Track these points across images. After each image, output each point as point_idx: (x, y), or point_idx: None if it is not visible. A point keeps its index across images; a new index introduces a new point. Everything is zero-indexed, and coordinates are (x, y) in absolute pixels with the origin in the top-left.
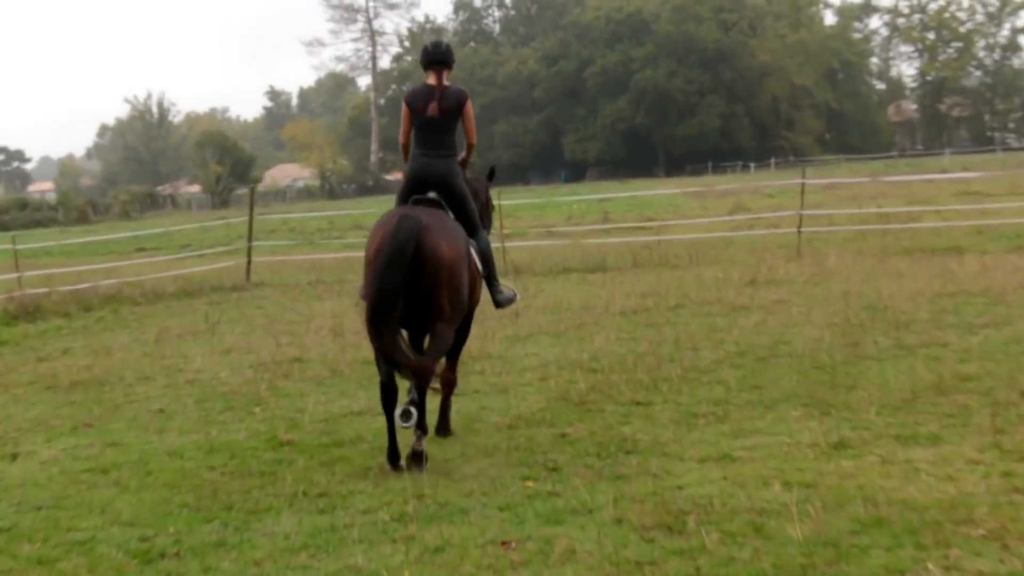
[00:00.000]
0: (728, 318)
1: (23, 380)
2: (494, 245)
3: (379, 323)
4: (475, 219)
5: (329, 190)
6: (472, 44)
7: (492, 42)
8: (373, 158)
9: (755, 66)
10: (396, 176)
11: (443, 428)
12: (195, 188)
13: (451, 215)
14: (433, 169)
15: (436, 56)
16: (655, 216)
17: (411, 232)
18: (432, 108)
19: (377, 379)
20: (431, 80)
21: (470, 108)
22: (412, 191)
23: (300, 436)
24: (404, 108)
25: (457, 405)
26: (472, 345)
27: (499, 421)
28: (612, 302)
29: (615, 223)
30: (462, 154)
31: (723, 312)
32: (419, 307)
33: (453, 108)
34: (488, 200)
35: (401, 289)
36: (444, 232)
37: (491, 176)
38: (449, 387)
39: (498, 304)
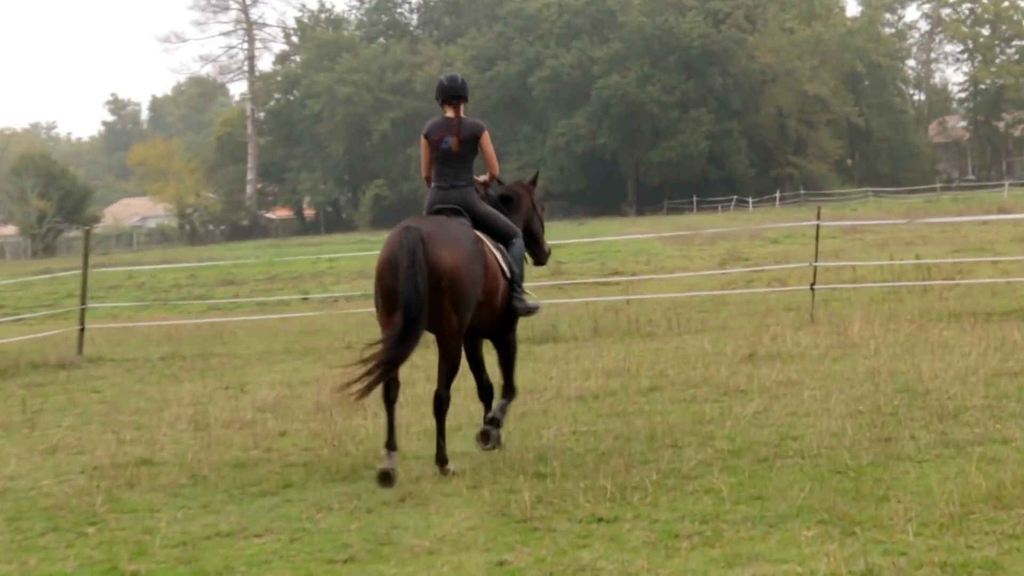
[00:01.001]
0: (719, 405)
1: None
2: None
3: (408, 333)
4: (509, 229)
5: (191, 232)
6: (381, 40)
7: (408, 37)
8: (249, 190)
9: (755, 70)
10: (280, 214)
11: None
12: (10, 230)
13: (468, 220)
14: (448, 200)
15: (453, 91)
16: (622, 268)
17: (413, 243)
18: (450, 141)
19: (253, 489)
20: (449, 113)
21: (487, 139)
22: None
23: (149, 566)
24: (423, 141)
25: (359, 522)
26: (379, 442)
27: (415, 545)
28: (566, 383)
29: (570, 277)
30: (484, 177)
31: (712, 397)
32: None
33: (469, 140)
34: (535, 203)
35: (424, 296)
36: (446, 239)
37: (534, 181)
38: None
39: (515, 312)
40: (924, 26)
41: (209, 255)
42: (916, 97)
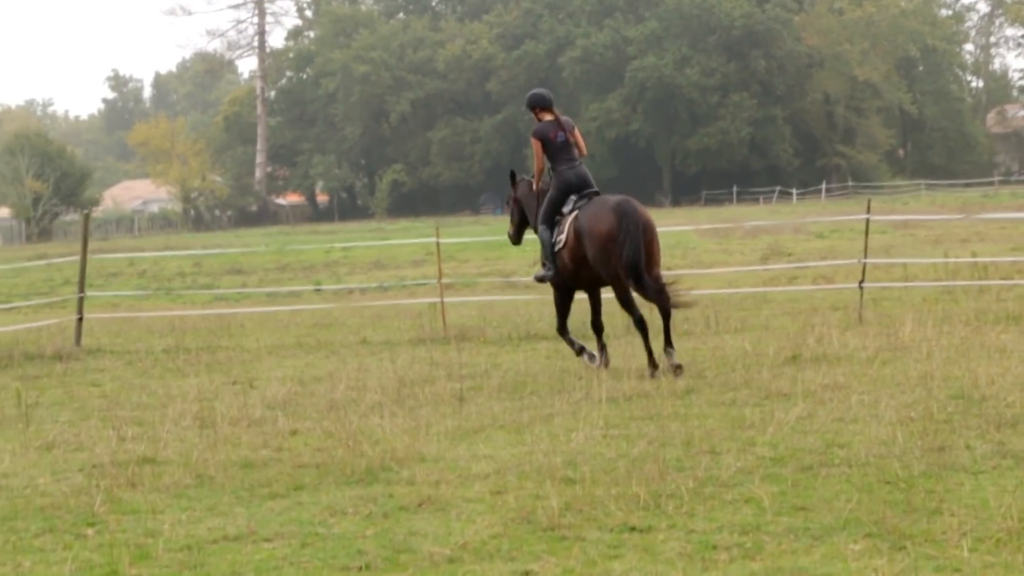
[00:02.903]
0: (760, 409)
1: None
2: (433, 299)
3: (638, 273)
4: None
5: (195, 218)
6: (401, 16)
7: (430, 13)
8: (258, 173)
9: (800, 53)
10: (291, 199)
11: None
12: (3, 212)
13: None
14: (580, 171)
15: (548, 102)
16: None
17: (635, 208)
18: (562, 135)
19: (262, 491)
20: (549, 117)
21: (578, 130)
22: (570, 192)
23: (151, 571)
24: (538, 141)
25: (375, 528)
26: (397, 444)
27: (434, 552)
28: (596, 384)
29: None
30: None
31: (753, 400)
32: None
33: (571, 131)
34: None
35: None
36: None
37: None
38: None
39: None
40: (984, 8)
41: (215, 242)
42: (974, 84)
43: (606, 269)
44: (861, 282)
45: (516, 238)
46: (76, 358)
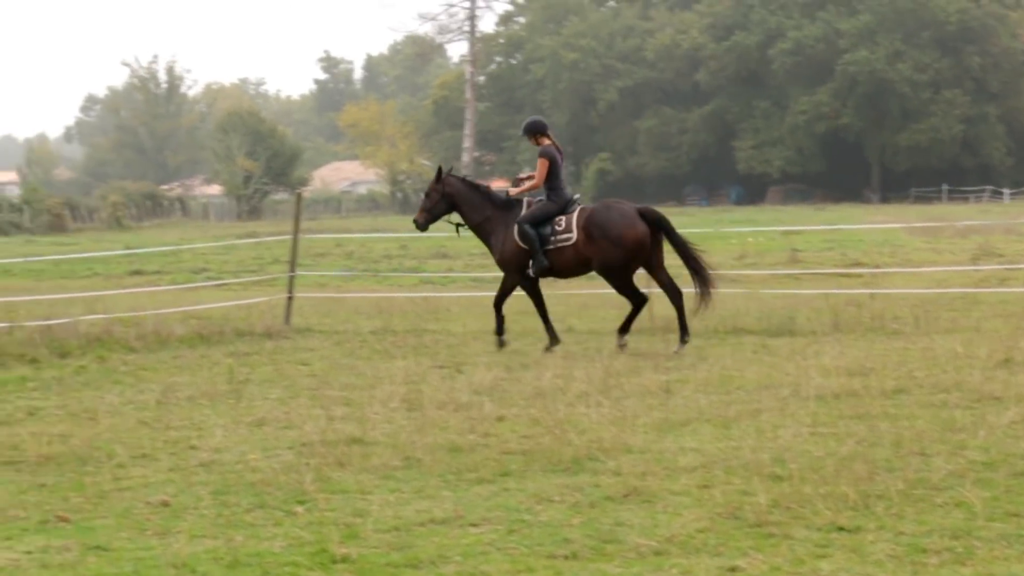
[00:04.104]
0: (972, 412)
1: None
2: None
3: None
4: None
5: (403, 200)
6: (612, 4)
7: (641, 1)
8: (466, 158)
9: (1017, 50)
10: (497, 185)
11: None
12: (214, 189)
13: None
14: (568, 192)
15: (547, 128)
16: (865, 259)
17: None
18: (560, 159)
19: (469, 475)
20: (547, 142)
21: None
22: (563, 207)
23: (360, 550)
24: (548, 162)
25: (581, 517)
26: (603, 434)
27: (640, 544)
28: (804, 381)
29: (808, 267)
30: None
31: (964, 403)
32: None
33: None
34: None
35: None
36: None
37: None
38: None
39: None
40: None
41: None
42: None
43: (630, 264)
44: None
45: (425, 227)
46: (285, 336)
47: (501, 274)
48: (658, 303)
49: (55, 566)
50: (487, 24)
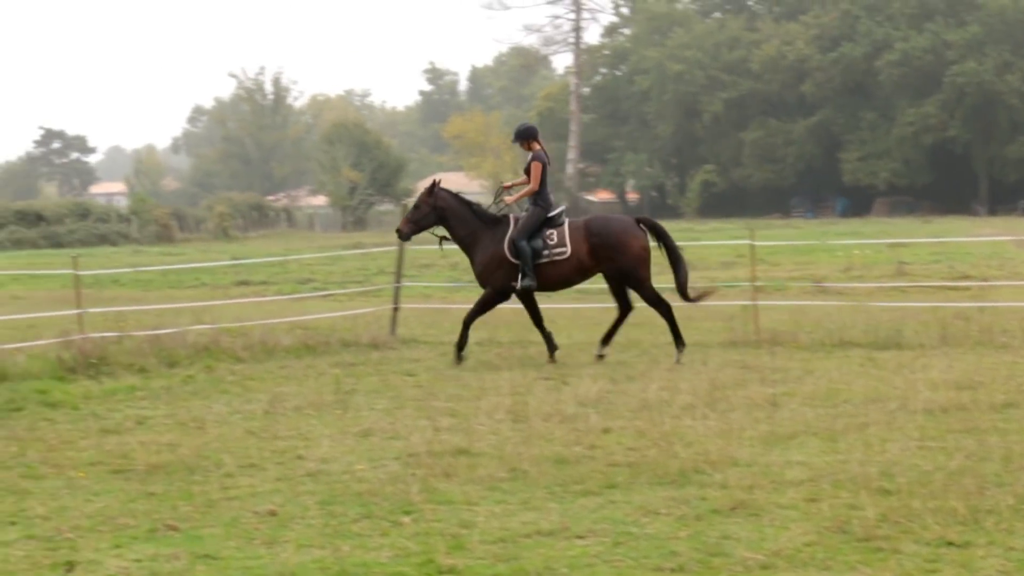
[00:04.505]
0: None
1: (83, 459)
2: (743, 300)
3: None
4: None
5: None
6: (717, 15)
7: (746, 13)
8: (570, 169)
9: None
10: (601, 197)
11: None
12: (320, 200)
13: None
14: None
15: (539, 134)
16: (973, 272)
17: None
18: (549, 164)
19: (575, 487)
20: (537, 147)
21: None
22: (548, 220)
23: (466, 562)
24: (542, 167)
25: (688, 530)
26: (710, 447)
27: (748, 558)
28: (912, 394)
29: (915, 279)
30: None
31: None
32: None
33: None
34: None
35: None
36: None
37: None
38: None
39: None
40: None
41: None
42: None
43: (639, 273)
44: None
45: (408, 237)
46: (391, 347)
47: (598, 286)
48: (764, 315)
49: (164, 574)
50: (592, 35)
